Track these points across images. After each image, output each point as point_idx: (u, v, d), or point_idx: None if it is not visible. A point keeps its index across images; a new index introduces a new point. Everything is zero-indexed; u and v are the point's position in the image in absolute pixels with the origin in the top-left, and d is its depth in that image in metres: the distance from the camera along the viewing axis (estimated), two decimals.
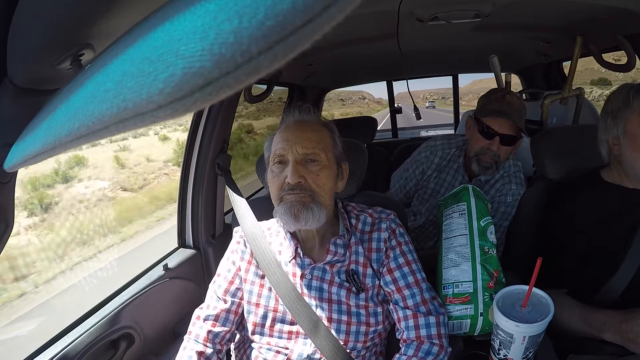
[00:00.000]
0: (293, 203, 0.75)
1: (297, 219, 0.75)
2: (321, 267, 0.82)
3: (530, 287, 0.71)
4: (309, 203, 0.76)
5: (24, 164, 0.39)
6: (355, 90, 59.84)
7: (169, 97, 0.18)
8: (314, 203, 0.76)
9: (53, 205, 8.16)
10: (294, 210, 0.75)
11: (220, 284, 0.85)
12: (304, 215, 0.75)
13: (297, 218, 0.75)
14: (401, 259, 0.83)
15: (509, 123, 1.17)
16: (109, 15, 0.46)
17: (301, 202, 0.75)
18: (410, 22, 1.28)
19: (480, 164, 1.22)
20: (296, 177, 0.74)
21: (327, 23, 0.16)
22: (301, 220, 0.75)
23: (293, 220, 0.75)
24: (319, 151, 0.78)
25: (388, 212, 0.89)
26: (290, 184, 0.75)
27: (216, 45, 0.17)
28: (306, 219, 0.75)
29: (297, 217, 0.75)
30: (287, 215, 0.76)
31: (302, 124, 0.81)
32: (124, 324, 0.98)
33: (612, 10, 1.08)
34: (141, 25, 0.27)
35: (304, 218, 0.75)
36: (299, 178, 0.75)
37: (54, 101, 0.38)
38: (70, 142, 0.28)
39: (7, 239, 0.55)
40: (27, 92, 0.50)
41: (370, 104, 51.94)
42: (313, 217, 0.76)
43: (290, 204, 0.76)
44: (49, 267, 5.64)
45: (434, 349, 0.77)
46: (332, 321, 0.79)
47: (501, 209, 1.25)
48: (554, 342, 0.84)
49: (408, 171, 1.42)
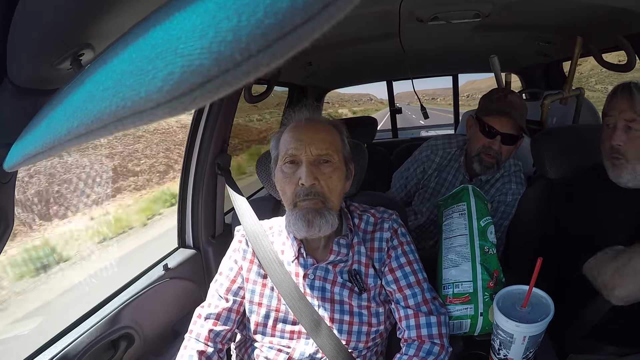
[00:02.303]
0: (308, 209, 0.75)
1: (310, 226, 0.74)
2: (324, 267, 0.82)
3: (530, 287, 0.71)
4: (322, 209, 0.75)
5: (23, 164, 0.39)
6: (364, 93, 67.15)
7: (168, 95, 0.18)
8: (326, 209, 0.76)
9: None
10: (309, 217, 0.74)
11: (222, 282, 0.85)
12: (318, 222, 0.74)
13: (311, 224, 0.74)
14: (403, 259, 0.83)
15: (510, 122, 1.17)
16: (109, 15, 0.46)
17: (315, 208, 0.75)
18: (410, 22, 1.28)
19: (482, 163, 1.22)
20: (311, 179, 0.74)
21: (326, 22, 0.16)
22: (315, 227, 0.75)
23: (306, 226, 0.75)
24: (332, 152, 0.77)
25: (390, 212, 0.89)
26: (305, 187, 0.74)
27: (215, 43, 0.17)
28: (320, 226, 0.75)
29: (311, 224, 0.74)
30: (302, 221, 0.75)
31: (314, 124, 0.80)
32: (124, 324, 0.98)
33: (612, 10, 1.08)
34: (140, 25, 0.27)
35: (317, 225, 0.74)
36: (313, 180, 0.74)
37: (54, 101, 0.38)
38: (70, 141, 0.28)
39: (7, 239, 0.55)
40: (27, 92, 0.50)
41: (376, 104, 56.94)
42: (326, 223, 0.75)
43: (305, 210, 0.75)
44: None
45: (435, 348, 0.77)
46: (334, 321, 0.79)
47: (501, 208, 1.25)
48: (554, 342, 0.84)
49: (409, 170, 1.43)
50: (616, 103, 0.86)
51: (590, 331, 0.90)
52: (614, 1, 1.03)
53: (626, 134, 0.84)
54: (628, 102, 0.83)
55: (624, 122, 0.84)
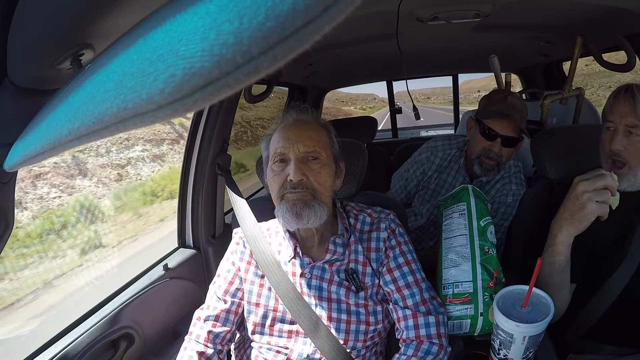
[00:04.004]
0: (295, 201, 0.76)
1: (299, 217, 0.75)
2: (320, 266, 0.82)
3: (530, 287, 0.71)
4: (310, 201, 0.76)
5: (24, 164, 0.39)
6: (369, 93, 72.30)
7: (169, 97, 0.18)
8: (316, 201, 0.77)
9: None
10: (296, 209, 0.75)
11: (220, 284, 0.86)
12: (306, 213, 0.75)
13: (300, 216, 0.75)
14: (401, 259, 0.83)
15: (511, 125, 1.17)
16: (109, 15, 0.46)
17: (303, 200, 0.76)
18: (410, 22, 1.27)
19: (482, 165, 1.22)
20: (299, 175, 0.75)
21: (327, 24, 0.16)
22: (303, 218, 0.76)
23: (295, 218, 0.76)
24: (320, 149, 0.78)
25: (387, 212, 0.89)
26: (293, 182, 0.75)
27: (217, 45, 0.17)
28: (308, 217, 0.76)
29: (300, 215, 0.75)
30: (289, 214, 0.76)
31: (302, 124, 0.81)
32: (124, 324, 0.98)
33: (612, 10, 1.08)
34: (141, 26, 0.27)
35: (306, 216, 0.75)
36: (302, 176, 0.75)
37: (54, 101, 0.38)
38: (70, 142, 0.28)
39: (7, 238, 0.55)
40: (27, 92, 0.50)
41: (379, 103, 59.76)
42: (315, 215, 0.76)
43: (292, 202, 0.76)
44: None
45: (434, 348, 0.77)
46: (331, 320, 0.79)
47: (502, 209, 1.25)
48: (554, 342, 0.84)
49: (409, 172, 1.42)
50: (618, 106, 0.85)
51: (590, 331, 0.90)
52: (614, 1, 1.03)
53: (627, 138, 0.84)
54: (630, 106, 0.82)
55: (625, 127, 0.83)
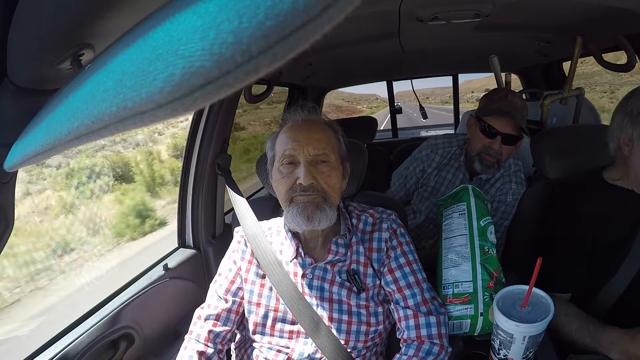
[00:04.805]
0: (306, 204, 0.75)
1: (310, 220, 0.75)
2: (322, 266, 0.82)
3: (530, 287, 0.71)
4: (322, 203, 0.76)
5: (23, 164, 0.39)
6: (371, 93, 72.87)
7: (168, 96, 0.18)
8: (326, 203, 0.76)
9: None
10: (307, 212, 0.75)
11: (221, 283, 0.85)
12: (317, 216, 0.75)
13: (311, 219, 0.75)
14: (402, 259, 0.83)
15: (511, 123, 1.17)
16: (109, 15, 0.46)
17: (314, 203, 0.75)
18: (410, 22, 1.27)
19: (482, 162, 1.22)
20: (309, 179, 0.74)
21: (327, 23, 0.16)
22: (314, 221, 0.75)
23: (306, 221, 0.75)
24: (329, 152, 0.78)
25: (389, 213, 0.89)
26: (303, 186, 0.75)
27: (216, 45, 0.17)
28: (319, 220, 0.75)
29: (311, 218, 0.75)
30: (301, 216, 0.75)
31: (310, 124, 0.80)
32: (124, 324, 0.98)
33: (612, 10, 1.08)
34: (141, 25, 0.27)
35: (317, 219, 0.75)
36: (312, 179, 0.75)
37: (54, 101, 0.38)
38: (70, 142, 0.28)
39: (7, 238, 0.55)
40: (27, 92, 0.50)
41: (381, 102, 60.84)
42: (326, 217, 0.76)
43: (303, 205, 0.75)
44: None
45: (435, 348, 0.77)
46: (332, 320, 0.79)
47: (501, 208, 1.25)
48: (554, 342, 0.84)
49: (409, 169, 1.43)
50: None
51: None
52: (614, 1, 1.03)
53: None
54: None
55: None
